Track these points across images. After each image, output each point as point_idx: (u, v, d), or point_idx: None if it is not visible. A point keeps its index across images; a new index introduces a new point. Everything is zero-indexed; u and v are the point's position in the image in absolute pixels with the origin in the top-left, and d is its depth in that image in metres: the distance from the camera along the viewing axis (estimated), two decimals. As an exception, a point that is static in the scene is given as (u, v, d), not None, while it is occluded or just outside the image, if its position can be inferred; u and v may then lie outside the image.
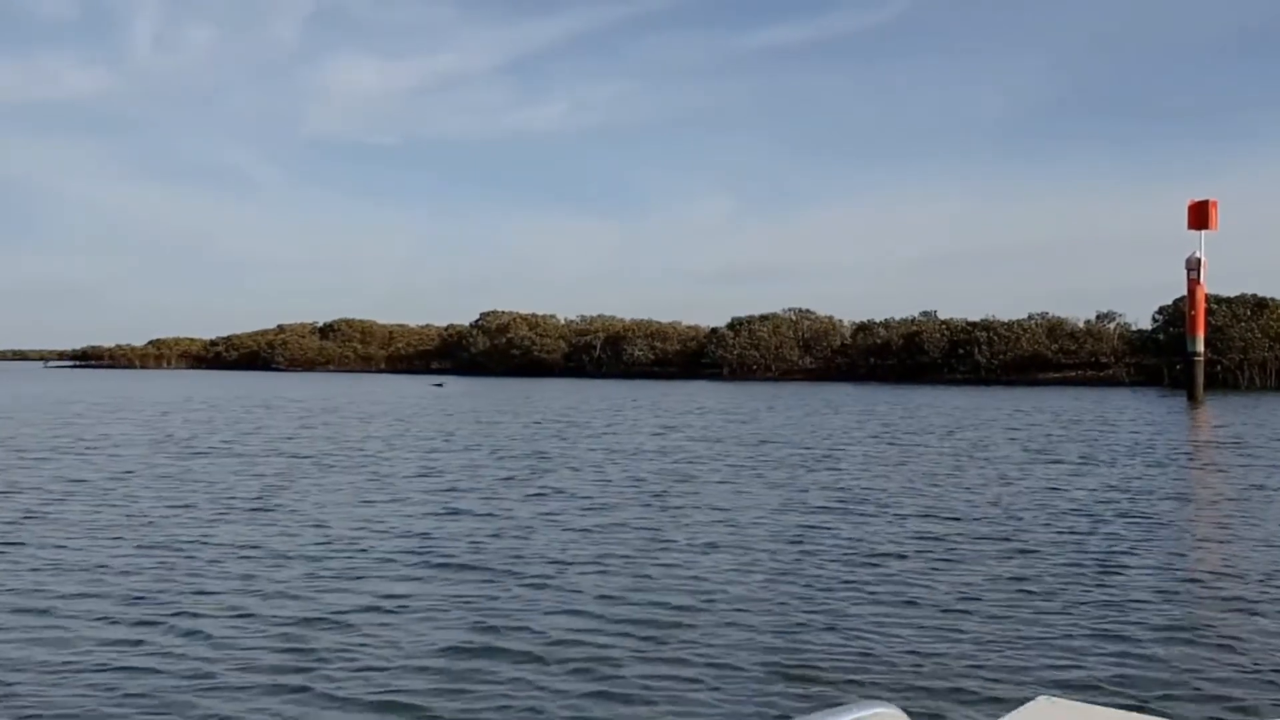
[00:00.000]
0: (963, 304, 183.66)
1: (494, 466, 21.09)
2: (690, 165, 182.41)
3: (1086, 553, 11.83)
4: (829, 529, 13.51)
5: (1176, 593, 10.01)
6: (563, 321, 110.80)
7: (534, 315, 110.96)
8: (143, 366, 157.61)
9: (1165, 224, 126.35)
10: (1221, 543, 12.59)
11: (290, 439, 27.82)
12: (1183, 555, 11.81)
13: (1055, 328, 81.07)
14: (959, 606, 9.39)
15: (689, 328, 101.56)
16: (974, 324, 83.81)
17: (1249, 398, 51.80)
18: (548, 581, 10.39)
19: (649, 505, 15.63)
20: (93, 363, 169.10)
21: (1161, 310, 74.11)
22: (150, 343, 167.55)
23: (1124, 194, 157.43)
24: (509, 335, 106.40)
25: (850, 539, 12.79)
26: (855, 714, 2.06)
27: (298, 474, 19.52)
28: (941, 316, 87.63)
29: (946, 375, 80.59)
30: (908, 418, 37.11)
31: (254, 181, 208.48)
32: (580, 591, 9.97)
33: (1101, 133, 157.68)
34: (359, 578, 10.54)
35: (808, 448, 25.23)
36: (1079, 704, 2.71)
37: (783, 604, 9.51)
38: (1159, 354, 69.84)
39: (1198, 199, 46.82)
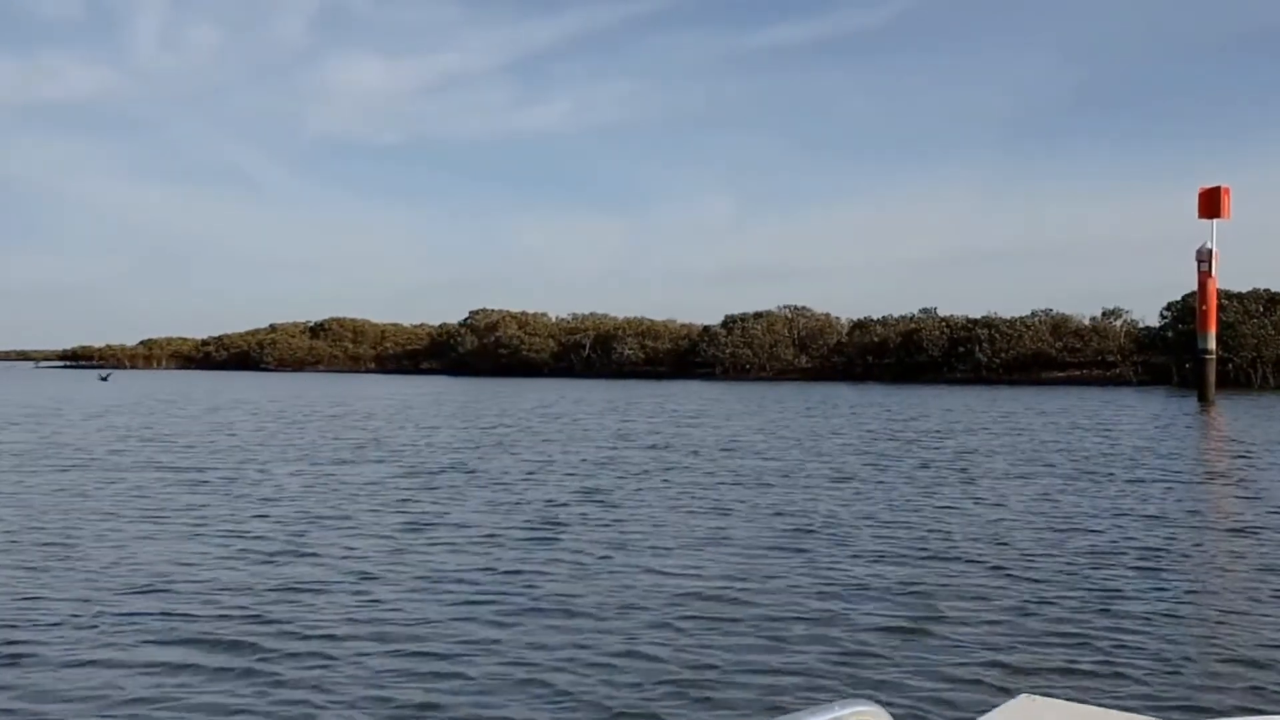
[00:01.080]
0: (969, 304, 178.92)
1: (391, 484, 18.11)
2: (694, 165, 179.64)
3: (1084, 586, 8.83)
4: (760, 577, 10.48)
5: (1179, 614, 7.19)
6: (554, 320, 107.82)
7: (524, 313, 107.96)
8: (132, 367, 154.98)
9: (1172, 221, 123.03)
10: (1250, 601, 9.55)
11: (191, 448, 24.84)
12: (1192, 581, 8.79)
13: (1059, 325, 77.82)
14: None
15: (682, 326, 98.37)
16: (975, 321, 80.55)
17: (1263, 398, 48.63)
18: (305, 669, 7.37)
19: (537, 542, 12.63)
20: (83, 363, 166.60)
21: (1170, 306, 70.78)
22: (141, 343, 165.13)
23: (1131, 191, 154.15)
24: (497, 334, 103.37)
25: (783, 590, 9.76)
26: (836, 713, 1.99)
27: (146, 494, 16.54)
28: (942, 314, 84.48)
29: (947, 374, 77.40)
30: (894, 421, 34.07)
31: (256, 181, 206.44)
32: (338, 692, 6.96)
33: (1108, 130, 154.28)
34: (39, 655, 7.54)
35: (770, 459, 22.21)
36: (1060, 701, 2.69)
37: None
38: (1167, 352, 66.61)
39: (1209, 185, 43.48)
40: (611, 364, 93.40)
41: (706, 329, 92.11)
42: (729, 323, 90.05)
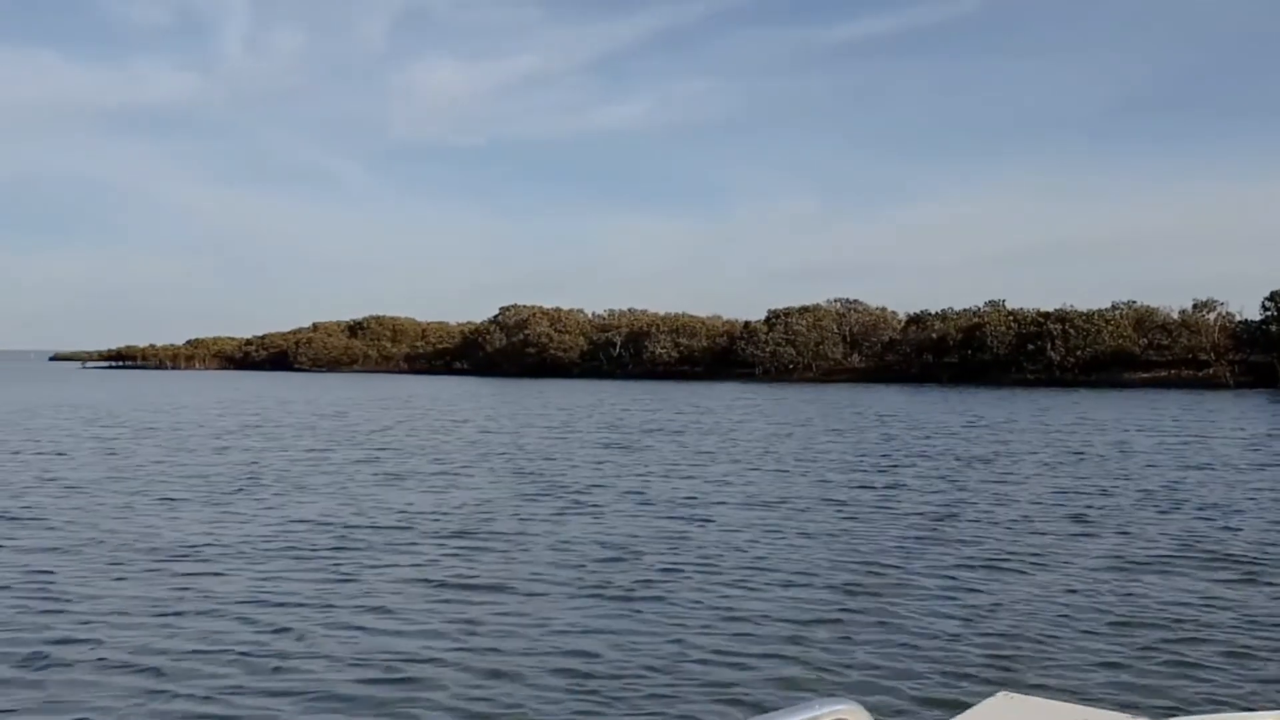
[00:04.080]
0: (1049, 299, 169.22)
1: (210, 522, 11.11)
2: (772, 162, 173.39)
3: None
4: None
5: None
6: (589, 316, 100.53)
7: (556, 309, 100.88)
8: (174, 367, 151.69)
9: (1270, 213, 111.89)
10: None
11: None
12: None
13: (1144, 318, 68.39)
14: None
15: (725, 323, 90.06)
16: (1046, 315, 71.18)
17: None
18: None
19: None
20: (127, 363, 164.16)
21: (1272, 297, 61.40)
22: (188, 342, 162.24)
23: (1223, 178, 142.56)
24: (526, 332, 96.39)
25: None
26: (817, 711, 1.98)
27: None
28: (1010, 307, 75.23)
29: (1015, 375, 68.46)
30: (924, 439, 26.27)
31: (339, 183, 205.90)
32: None
33: (1192, 124, 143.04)
34: None
35: (692, 514, 14.79)
36: (1038, 699, 2.69)
37: None
38: (1270, 349, 57.40)
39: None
40: (643, 363, 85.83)
41: (746, 325, 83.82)
42: (771, 318, 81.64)
